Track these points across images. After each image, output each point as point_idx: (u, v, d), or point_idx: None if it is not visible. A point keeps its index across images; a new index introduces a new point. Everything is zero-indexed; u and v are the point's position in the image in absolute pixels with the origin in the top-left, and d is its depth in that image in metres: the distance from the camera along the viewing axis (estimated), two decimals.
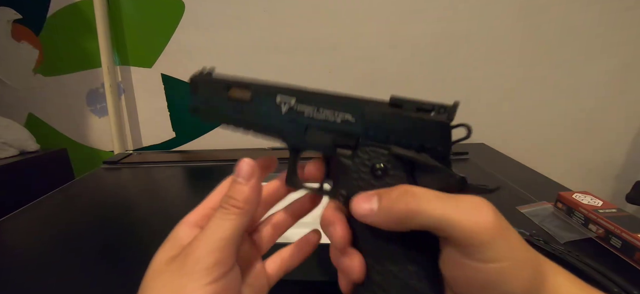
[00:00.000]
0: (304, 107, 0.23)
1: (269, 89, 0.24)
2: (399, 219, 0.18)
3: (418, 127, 0.20)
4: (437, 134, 0.19)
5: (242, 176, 0.22)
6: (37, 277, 0.40)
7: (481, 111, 0.93)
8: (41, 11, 0.90)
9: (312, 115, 0.23)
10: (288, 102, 0.23)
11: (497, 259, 0.16)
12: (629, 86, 0.88)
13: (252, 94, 0.24)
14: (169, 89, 0.95)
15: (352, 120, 0.21)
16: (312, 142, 0.23)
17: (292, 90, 0.23)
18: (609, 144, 0.93)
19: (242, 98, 0.25)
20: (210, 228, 0.21)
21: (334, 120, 0.22)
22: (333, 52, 0.90)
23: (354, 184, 0.21)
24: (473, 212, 0.16)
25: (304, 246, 0.26)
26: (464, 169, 0.72)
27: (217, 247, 0.20)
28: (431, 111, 0.20)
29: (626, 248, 0.39)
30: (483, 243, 0.16)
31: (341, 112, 0.22)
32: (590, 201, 0.46)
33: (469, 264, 0.16)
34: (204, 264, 0.19)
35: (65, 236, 0.49)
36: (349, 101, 0.22)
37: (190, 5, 0.88)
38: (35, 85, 0.97)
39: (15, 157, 0.84)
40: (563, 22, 0.84)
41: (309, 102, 0.23)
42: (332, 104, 0.22)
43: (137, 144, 1.02)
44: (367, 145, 0.21)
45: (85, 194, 0.65)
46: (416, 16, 0.86)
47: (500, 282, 0.16)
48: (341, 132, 0.22)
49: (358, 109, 0.21)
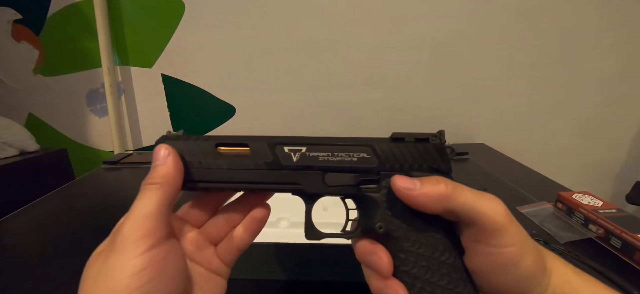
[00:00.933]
0: (316, 153, 0.23)
1: (270, 139, 0.23)
2: (435, 200, 0.21)
3: (423, 154, 0.23)
4: (438, 155, 0.23)
5: (159, 159, 0.23)
6: (37, 277, 0.40)
7: (481, 111, 0.93)
8: (41, 11, 0.90)
9: (328, 158, 0.23)
10: (298, 151, 0.23)
11: (510, 243, 0.20)
12: (629, 86, 0.88)
13: (252, 148, 0.23)
14: (169, 89, 0.95)
15: (368, 156, 0.23)
16: (333, 185, 0.23)
17: (295, 138, 0.23)
18: (609, 144, 0.93)
19: (239, 153, 0.23)
20: (134, 206, 0.21)
21: (350, 159, 0.23)
22: (333, 53, 0.90)
23: (386, 214, 0.22)
24: (493, 203, 0.20)
25: (252, 224, 0.26)
26: (464, 169, 0.72)
27: (141, 220, 0.20)
28: (427, 139, 0.24)
29: (626, 248, 0.39)
30: (501, 229, 0.20)
31: (355, 152, 0.23)
32: (590, 201, 0.46)
33: (488, 250, 0.20)
34: (131, 238, 0.19)
35: (65, 236, 0.49)
36: (357, 140, 0.23)
37: (190, 5, 0.88)
38: (35, 85, 0.97)
39: (15, 157, 0.84)
40: (563, 23, 0.84)
41: (321, 148, 0.23)
42: (344, 146, 0.23)
43: (137, 144, 1.02)
44: (388, 176, 0.22)
45: (85, 194, 0.65)
46: (416, 16, 0.86)
47: (514, 263, 0.20)
48: (361, 170, 0.23)
49: (368, 146, 0.23)
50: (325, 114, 0.96)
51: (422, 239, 0.22)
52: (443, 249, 0.21)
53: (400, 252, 0.22)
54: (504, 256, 0.20)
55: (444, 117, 0.95)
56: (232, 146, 0.23)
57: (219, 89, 0.95)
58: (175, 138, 0.24)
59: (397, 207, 0.22)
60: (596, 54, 0.86)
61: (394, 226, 0.22)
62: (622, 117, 0.90)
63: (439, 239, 0.22)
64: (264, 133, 0.25)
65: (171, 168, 0.22)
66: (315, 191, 0.23)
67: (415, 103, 0.94)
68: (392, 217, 0.22)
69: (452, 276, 0.21)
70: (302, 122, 0.96)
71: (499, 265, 0.20)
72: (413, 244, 0.22)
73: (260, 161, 0.23)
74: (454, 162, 0.20)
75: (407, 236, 0.22)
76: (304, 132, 0.97)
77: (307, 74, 0.92)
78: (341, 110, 0.95)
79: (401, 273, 0.22)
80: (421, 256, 0.21)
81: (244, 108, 0.96)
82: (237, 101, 0.96)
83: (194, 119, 0.99)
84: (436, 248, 0.21)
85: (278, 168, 0.23)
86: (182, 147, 0.23)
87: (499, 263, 0.20)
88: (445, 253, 0.21)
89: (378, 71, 0.91)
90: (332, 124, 0.97)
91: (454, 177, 0.22)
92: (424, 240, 0.22)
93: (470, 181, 0.21)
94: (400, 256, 0.22)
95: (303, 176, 0.23)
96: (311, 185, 0.23)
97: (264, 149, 0.23)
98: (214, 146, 0.23)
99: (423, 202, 0.21)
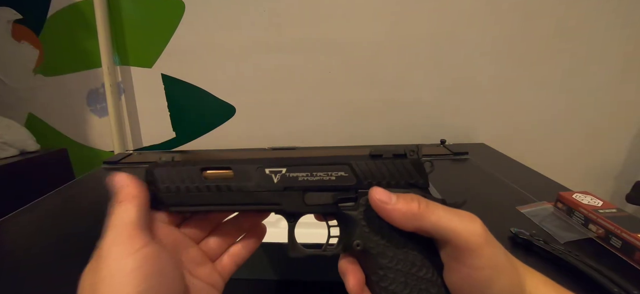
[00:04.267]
0: (296, 174, 0.24)
1: (252, 162, 0.24)
2: (407, 217, 0.21)
3: (401, 169, 0.23)
4: (415, 170, 0.23)
5: (122, 183, 0.22)
6: (37, 277, 0.40)
7: (481, 111, 0.93)
8: (41, 11, 0.90)
9: (307, 178, 0.24)
10: (278, 172, 0.24)
11: (484, 265, 0.19)
12: (629, 86, 0.88)
13: (235, 171, 0.24)
14: (169, 89, 0.95)
15: (345, 175, 0.23)
16: (312, 204, 0.24)
17: (275, 160, 0.24)
18: (609, 144, 0.93)
19: (223, 176, 0.24)
20: (111, 221, 0.21)
21: (328, 178, 0.24)
22: (333, 52, 0.90)
23: (364, 231, 0.23)
24: (469, 223, 0.20)
25: (248, 243, 0.27)
26: (464, 169, 0.72)
27: (123, 227, 0.20)
28: (405, 155, 0.24)
29: (626, 248, 0.39)
30: (474, 250, 0.19)
31: (333, 171, 0.23)
32: (590, 201, 0.46)
33: (463, 269, 0.20)
34: (118, 242, 0.19)
35: (65, 236, 0.49)
36: (337, 159, 0.24)
37: (190, 5, 0.88)
38: (35, 85, 0.97)
39: (15, 157, 0.84)
40: (563, 23, 0.84)
41: (300, 169, 0.24)
42: (322, 165, 0.24)
43: (137, 144, 1.02)
44: (365, 193, 0.23)
45: (85, 194, 0.65)
46: (416, 16, 0.86)
47: (487, 285, 0.19)
48: (339, 188, 0.24)
49: (346, 164, 0.23)
50: (325, 114, 0.96)
51: (400, 254, 0.22)
52: (421, 264, 0.22)
53: (379, 269, 0.22)
54: (478, 277, 0.20)
55: (444, 117, 0.95)
56: (216, 169, 0.24)
57: (219, 89, 0.95)
58: (165, 164, 0.25)
59: (375, 224, 0.22)
60: (596, 54, 0.86)
61: (371, 243, 0.22)
62: (622, 117, 0.90)
63: (417, 255, 0.22)
64: (264, 133, 0.25)
65: (136, 187, 0.22)
66: (296, 210, 0.24)
67: (415, 103, 0.94)
68: (369, 234, 0.22)
69: (430, 291, 0.21)
70: (302, 122, 0.97)
71: (473, 285, 0.20)
72: (391, 260, 0.22)
73: (243, 184, 0.24)
74: (454, 162, 0.20)
75: (385, 253, 0.22)
76: (304, 132, 0.97)
77: (307, 74, 0.92)
78: (341, 110, 0.95)
79: (380, 289, 0.22)
80: (399, 272, 0.21)
81: (244, 108, 0.96)
82: (237, 101, 0.96)
83: (194, 119, 0.99)
84: (414, 264, 0.22)
85: (259, 190, 0.24)
86: (171, 173, 0.24)
87: (473, 282, 0.20)
88: (423, 269, 0.21)
89: (378, 71, 0.91)
90: (332, 124, 0.97)
91: (456, 179, 0.22)
92: (401, 256, 0.22)
93: (470, 181, 0.21)
94: (379, 273, 0.22)
95: (284, 197, 0.24)
96: (291, 205, 0.24)
97: (246, 171, 0.24)
98: (199, 171, 0.24)
99: (396, 218, 0.21)
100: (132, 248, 0.19)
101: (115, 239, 0.20)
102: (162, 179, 0.24)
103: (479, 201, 0.55)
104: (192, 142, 1.01)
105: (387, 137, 0.96)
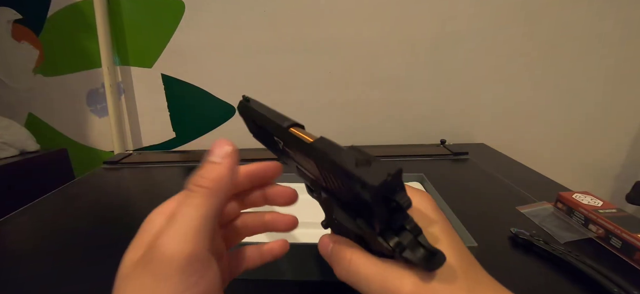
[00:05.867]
0: None
1: None
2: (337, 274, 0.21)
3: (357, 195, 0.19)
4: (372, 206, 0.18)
5: (217, 155, 0.19)
6: (37, 277, 0.40)
7: (481, 111, 0.93)
8: (41, 11, 0.90)
9: None
10: None
11: None
12: (629, 86, 0.88)
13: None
14: (169, 89, 0.95)
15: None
16: None
17: None
18: (609, 144, 0.93)
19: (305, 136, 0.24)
20: (176, 217, 0.17)
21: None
22: (333, 53, 0.90)
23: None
24: (395, 282, 0.18)
25: (266, 254, 0.26)
26: (464, 169, 0.72)
27: (186, 239, 0.17)
28: (365, 185, 0.17)
29: (626, 248, 0.39)
30: None
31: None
32: (590, 201, 0.46)
33: None
34: (176, 264, 0.16)
35: (65, 236, 0.49)
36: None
37: (190, 5, 0.88)
38: (35, 85, 0.97)
39: (15, 157, 0.84)
40: (563, 22, 0.84)
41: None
42: None
43: (137, 144, 1.02)
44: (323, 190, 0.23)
45: (85, 194, 0.65)
46: (416, 16, 0.86)
47: None
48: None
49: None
50: (326, 114, 0.96)
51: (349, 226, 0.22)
52: None
53: None
54: None
55: (444, 117, 0.95)
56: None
57: (219, 89, 0.95)
58: (258, 105, 0.29)
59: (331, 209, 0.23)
60: (596, 54, 0.86)
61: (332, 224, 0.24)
62: (622, 117, 0.90)
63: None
64: None
65: (228, 170, 0.19)
66: None
67: (415, 103, 0.94)
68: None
69: None
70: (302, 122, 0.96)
71: None
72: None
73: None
74: (454, 162, 0.19)
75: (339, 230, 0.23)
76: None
77: (307, 74, 0.92)
78: (341, 110, 0.95)
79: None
80: None
81: None
82: (237, 101, 0.95)
83: (194, 119, 0.99)
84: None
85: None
86: (263, 107, 0.28)
87: None
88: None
89: (378, 71, 0.91)
90: (332, 124, 0.97)
91: (456, 179, 0.22)
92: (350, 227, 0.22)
93: (470, 181, 0.20)
94: None
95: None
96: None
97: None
98: (286, 128, 0.25)
99: None
100: (187, 280, 0.16)
101: (171, 252, 0.16)
102: (257, 105, 0.28)
103: (479, 201, 0.56)
104: (192, 142, 1.01)
105: (387, 137, 0.96)
